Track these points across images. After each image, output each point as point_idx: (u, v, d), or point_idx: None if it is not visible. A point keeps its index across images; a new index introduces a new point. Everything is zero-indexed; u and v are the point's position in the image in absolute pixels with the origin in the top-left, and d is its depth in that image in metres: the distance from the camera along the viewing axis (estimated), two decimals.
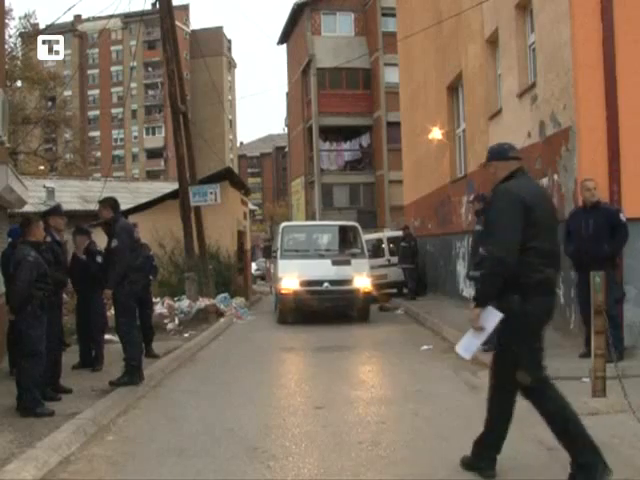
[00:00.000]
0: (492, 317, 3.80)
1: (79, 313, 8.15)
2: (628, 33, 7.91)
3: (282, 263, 13.56)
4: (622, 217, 7.07)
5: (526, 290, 3.78)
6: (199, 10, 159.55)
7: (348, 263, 13.38)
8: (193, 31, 74.40)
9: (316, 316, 13.00)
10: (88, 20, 68.88)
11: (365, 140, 34.06)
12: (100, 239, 8.08)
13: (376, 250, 18.17)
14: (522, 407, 5.69)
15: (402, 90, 21.23)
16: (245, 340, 11.26)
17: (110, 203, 7.15)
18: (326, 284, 12.95)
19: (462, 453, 4.48)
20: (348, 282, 13.06)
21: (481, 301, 3.83)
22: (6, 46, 21.26)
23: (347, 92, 33.20)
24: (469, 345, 3.96)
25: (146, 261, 8.87)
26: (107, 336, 8.79)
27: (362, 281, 13.29)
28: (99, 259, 7.82)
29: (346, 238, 14.67)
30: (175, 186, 17.00)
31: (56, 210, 7.55)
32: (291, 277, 13.04)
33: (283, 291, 13.16)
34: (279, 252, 13.95)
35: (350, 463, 4.39)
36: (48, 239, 6.48)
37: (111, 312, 8.31)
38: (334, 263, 13.26)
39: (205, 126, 59.97)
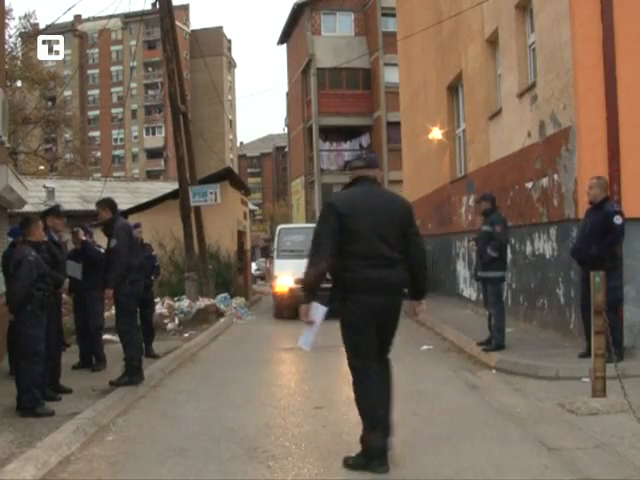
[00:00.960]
0: (318, 311, 4.27)
1: (77, 313, 8.15)
2: (628, 33, 7.91)
3: (278, 262, 14.62)
4: (616, 220, 6.93)
5: (345, 289, 4.22)
6: (199, 10, 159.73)
7: None
8: (193, 31, 74.32)
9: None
10: (88, 20, 68.87)
11: (365, 140, 34.03)
12: (101, 240, 8.12)
13: None
14: (522, 408, 5.71)
15: (402, 90, 21.23)
16: (245, 340, 11.26)
17: (108, 204, 7.15)
18: None
19: (462, 453, 4.49)
20: None
21: (305, 299, 4.24)
22: (6, 46, 21.26)
23: (347, 92, 33.19)
24: (307, 339, 4.40)
25: (148, 261, 8.86)
26: (107, 336, 8.80)
27: None
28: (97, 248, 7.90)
29: None
30: (175, 186, 16.99)
31: (54, 210, 7.55)
32: (286, 275, 13.83)
33: (279, 288, 14.22)
34: (276, 252, 15.05)
35: None
36: (45, 239, 6.47)
37: (111, 312, 8.33)
38: None
39: (205, 126, 59.93)
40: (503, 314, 8.22)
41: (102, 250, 8.04)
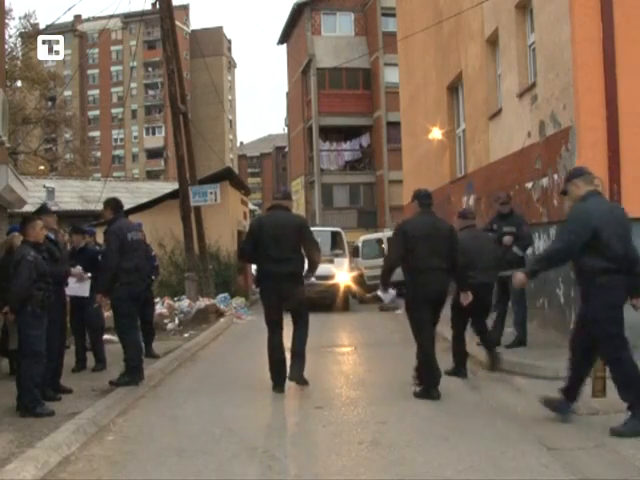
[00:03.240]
0: None
1: (73, 314, 8.13)
2: (628, 33, 7.91)
3: None
4: None
5: (259, 278, 6.83)
6: (199, 10, 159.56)
7: (331, 262, 15.38)
8: (193, 31, 74.30)
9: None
10: (88, 20, 68.78)
11: (365, 140, 34.05)
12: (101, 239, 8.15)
13: (376, 250, 18.26)
14: (522, 408, 5.71)
15: (402, 90, 21.23)
16: (245, 340, 11.26)
17: (110, 204, 7.18)
18: (313, 278, 14.35)
19: (462, 453, 4.49)
20: (331, 277, 15.26)
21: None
22: (6, 46, 21.26)
23: (347, 92, 33.21)
24: None
25: (148, 261, 8.85)
26: (107, 336, 8.80)
27: (342, 276, 15.65)
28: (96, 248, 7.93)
29: (332, 241, 17.27)
30: (175, 186, 17.00)
31: (43, 209, 7.52)
32: None
33: None
34: None
35: (350, 463, 4.39)
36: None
37: (109, 312, 8.34)
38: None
39: (205, 126, 59.90)
40: (525, 310, 8.38)
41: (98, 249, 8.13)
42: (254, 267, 14.74)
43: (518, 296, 8.35)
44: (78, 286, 7.66)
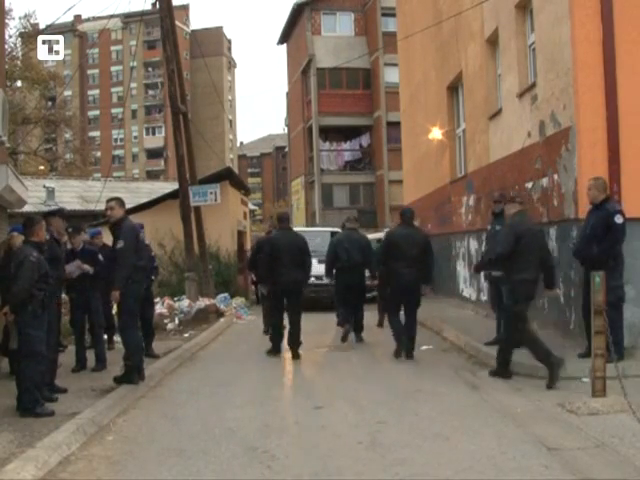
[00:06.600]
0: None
1: (76, 312, 8.13)
2: (628, 33, 7.90)
3: None
4: (617, 219, 6.91)
5: (273, 278, 9.32)
6: (199, 10, 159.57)
7: None
8: (193, 31, 74.24)
9: (307, 308, 13.32)
10: (88, 20, 68.79)
11: (365, 140, 34.04)
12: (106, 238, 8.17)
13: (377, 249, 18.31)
14: (522, 408, 5.72)
15: (402, 90, 21.22)
16: (245, 340, 11.26)
17: (119, 202, 7.26)
18: (313, 278, 14.64)
19: (462, 453, 4.49)
20: None
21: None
22: (6, 46, 21.27)
23: (347, 92, 33.20)
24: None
25: (148, 261, 8.87)
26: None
27: None
28: (100, 257, 7.92)
29: None
30: (175, 186, 16.99)
31: (59, 212, 7.60)
32: None
33: None
34: None
35: (350, 463, 4.39)
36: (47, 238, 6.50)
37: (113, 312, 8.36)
38: (319, 262, 14.95)
39: (205, 126, 59.92)
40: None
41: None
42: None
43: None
44: (73, 271, 7.65)
